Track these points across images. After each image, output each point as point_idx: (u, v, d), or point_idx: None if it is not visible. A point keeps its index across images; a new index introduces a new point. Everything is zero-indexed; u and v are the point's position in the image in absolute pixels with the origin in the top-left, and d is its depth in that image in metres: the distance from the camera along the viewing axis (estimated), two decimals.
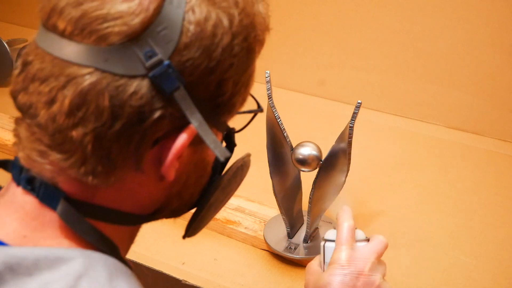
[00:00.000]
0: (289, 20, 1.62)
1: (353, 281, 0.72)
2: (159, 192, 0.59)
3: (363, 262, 0.74)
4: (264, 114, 1.00)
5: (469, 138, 1.41)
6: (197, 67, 0.52)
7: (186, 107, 0.52)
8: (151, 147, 0.53)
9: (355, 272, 0.73)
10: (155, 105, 0.51)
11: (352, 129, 0.94)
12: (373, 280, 0.73)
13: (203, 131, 0.53)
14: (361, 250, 0.75)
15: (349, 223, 0.77)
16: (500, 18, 1.35)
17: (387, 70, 1.51)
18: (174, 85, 0.51)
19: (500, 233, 1.11)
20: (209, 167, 0.63)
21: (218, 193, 0.64)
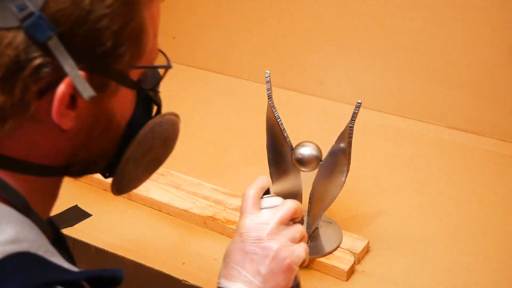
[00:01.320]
0: (289, 20, 1.62)
1: (251, 247, 0.73)
2: (63, 143, 0.62)
3: (261, 228, 0.73)
4: (264, 114, 1.01)
5: (469, 138, 1.41)
6: (68, 17, 0.56)
7: (60, 55, 0.56)
8: (40, 97, 0.57)
9: (253, 238, 0.73)
10: (31, 54, 0.55)
11: (352, 129, 0.94)
12: (271, 245, 0.72)
13: (74, 75, 0.57)
14: (262, 216, 0.75)
15: (252, 191, 0.77)
16: (500, 18, 1.35)
17: (387, 70, 1.51)
18: (47, 34, 0.55)
19: (500, 233, 1.11)
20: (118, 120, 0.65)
21: (134, 147, 0.67)
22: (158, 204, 1.16)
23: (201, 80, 1.72)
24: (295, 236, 0.74)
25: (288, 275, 0.73)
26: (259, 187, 0.77)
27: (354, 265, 1.01)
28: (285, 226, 0.75)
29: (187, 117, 1.52)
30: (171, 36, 1.83)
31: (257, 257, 0.72)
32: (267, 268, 0.72)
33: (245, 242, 0.73)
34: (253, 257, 0.72)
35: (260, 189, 0.77)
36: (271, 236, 0.73)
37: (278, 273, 0.72)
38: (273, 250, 0.72)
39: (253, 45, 1.69)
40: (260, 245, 0.72)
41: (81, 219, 1.13)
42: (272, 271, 0.72)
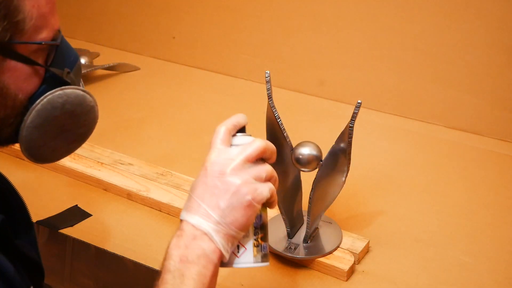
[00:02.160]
0: (289, 20, 1.62)
1: (213, 181, 0.72)
2: None
3: (225, 162, 0.73)
4: (264, 114, 1.01)
5: (469, 138, 1.41)
6: None
7: None
8: None
9: (216, 172, 0.72)
10: None
11: (352, 129, 0.94)
12: (233, 180, 0.72)
13: None
14: (228, 151, 0.74)
15: (223, 127, 0.76)
16: (500, 18, 1.35)
17: (387, 70, 1.51)
18: None
19: (500, 233, 1.11)
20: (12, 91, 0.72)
21: (32, 115, 0.74)
22: (158, 204, 1.16)
23: (201, 80, 1.72)
24: (261, 174, 0.73)
25: (247, 211, 0.72)
26: (232, 124, 0.76)
27: (354, 265, 1.01)
28: (253, 164, 0.73)
29: (187, 117, 1.53)
30: (171, 36, 1.83)
31: (218, 191, 0.72)
32: (227, 202, 0.71)
33: (208, 176, 0.73)
34: (214, 191, 0.72)
35: (233, 126, 0.76)
36: (234, 171, 0.72)
37: (237, 209, 0.71)
38: (234, 185, 0.71)
39: (253, 45, 1.69)
40: (222, 179, 0.72)
41: (81, 219, 1.13)
42: (232, 206, 0.71)
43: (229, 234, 0.72)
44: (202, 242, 0.71)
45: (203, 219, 0.71)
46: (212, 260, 0.71)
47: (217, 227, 0.71)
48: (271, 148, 0.75)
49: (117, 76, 1.75)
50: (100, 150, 1.31)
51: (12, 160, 1.27)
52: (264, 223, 0.77)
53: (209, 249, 0.71)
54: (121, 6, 1.90)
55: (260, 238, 0.76)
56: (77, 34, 1.93)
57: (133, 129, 1.46)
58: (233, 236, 0.72)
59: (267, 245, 0.77)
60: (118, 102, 1.60)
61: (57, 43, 0.75)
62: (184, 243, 0.71)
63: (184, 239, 0.71)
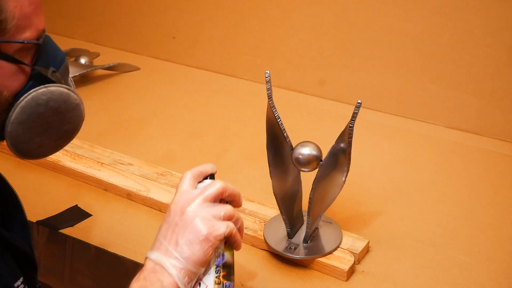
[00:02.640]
0: (289, 20, 1.62)
1: (174, 220, 0.78)
2: None
3: (186, 202, 0.79)
4: (264, 114, 1.01)
5: (469, 138, 1.41)
6: None
7: None
8: None
9: (177, 211, 0.78)
10: None
11: (352, 129, 0.94)
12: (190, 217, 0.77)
13: None
14: (190, 193, 0.80)
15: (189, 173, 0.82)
16: (500, 18, 1.35)
17: (387, 70, 1.51)
18: None
19: (500, 233, 1.11)
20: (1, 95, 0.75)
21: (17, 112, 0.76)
22: (158, 204, 1.16)
23: (201, 80, 1.72)
24: (219, 213, 0.79)
25: (203, 246, 0.77)
26: (198, 171, 0.83)
27: (354, 265, 1.01)
28: (212, 204, 0.79)
29: (188, 117, 1.53)
30: (171, 36, 1.83)
31: (177, 229, 0.77)
32: (184, 238, 0.77)
33: (170, 216, 0.79)
34: (175, 228, 0.78)
35: (199, 172, 0.83)
36: (193, 209, 0.78)
37: (194, 243, 0.76)
38: (191, 221, 0.77)
39: (253, 45, 1.69)
40: (182, 217, 0.78)
41: (81, 219, 1.13)
42: (188, 241, 0.76)
43: (187, 269, 0.76)
44: (161, 276, 0.76)
45: (163, 254, 0.77)
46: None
47: (175, 262, 0.76)
48: (230, 189, 0.81)
49: (117, 76, 1.75)
50: (100, 150, 1.31)
51: (12, 160, 1.27)
52: (227, 262, 0.81)
53: (167, 283, 0.76)
54: (121, 6, 1.90)
55: (222, 276, 0.80)
56: (77, 34, 1.93)
57: (133, 129, 1.46)
58: (192, 271, 0.77)
59: (230, 284, 0.81)
60: (118, 102, 1.60)
61: (39, 42, 0.76)
62: (144, 275, 0.77)
63: (144, 273, 0.77)
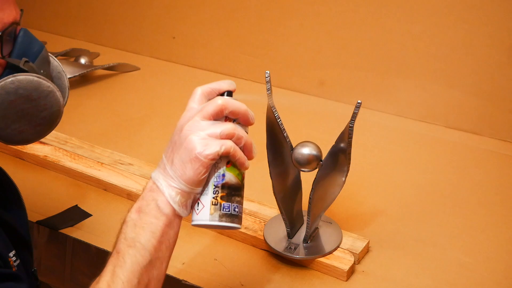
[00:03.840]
0: (289, 20, 1.62)
1: (174, 137, 0.76)
2: None
3: (186, 120, 0.76)
4: (264, 114, 1.01)
5: (469, 138, 1.41)
6: None
7: None
8: None
9: (178, 129, 0.76)
10: None
11: (352, 129, 0.94)
12: (185, 135, 0.74)
13: None
14: (192, 110, 0.77)
15: (199, 88, 0.80)
16: (500, 18, 1.35)
17: (387, 70, 1.51)
18: None
19: (500, 233, 1.11)
20: None
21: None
22: None
23: (201, 80, 1.72)
24: (215, 131, 0.74)
25: (194, 165, 0.73)
26: (210, 87, 0.80)
27: (354, 265, 1.01)
28: (211, 122, 0.75)
29: None
30: (171, 36, 1.83)
31: (175, 147, 0.75)
32: (178, 156, 0.74)
33: (174, 134, 0.77)
34: (173, 147, 0.75)
35: (210, 89, 0.79)
36: (189, 127, 0.75)
37: (186, 162, 0.73)
38: (186, 139, 0.74)
39: (253, 45, 1.69)
40: (179, 134, 0.75)
41: (81, 219, 1.13)
42: (181, 160, 0.74)
43: (180, 188, 0.74)
44: (156, 194, 0.74)
45: (161, 173, 0.75)
46: (164, 212, 0.74)
47: (170, 180, 0.74)
48: (232, 106, 0.76)
49: (117, 76, 1.75)
50: (100, 150, 1.31)
51: (12, 160, 1.27)
52: (229, 183, 0.76)
53: (162, 201, 0.74)
54: (121, 6, 1.91)
55: (220, 197, 0.76)
56: (77, 34, 1.93)
57: (133, 129, 1.46)
58: (185, 191, 0.74)
59: (231, 205, 0.76)
60: (118, 102, 1.60)
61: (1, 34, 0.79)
62: (142, 195, 0.76)
63: (143, 192, 0.76)
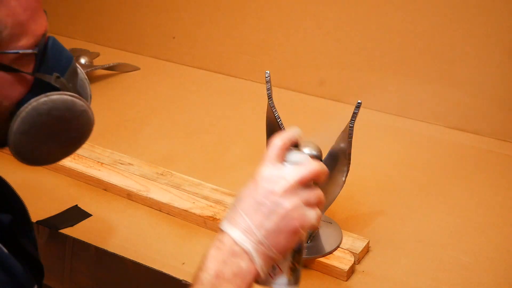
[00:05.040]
0: (289, 20, 1.62)
1: (262, 199, 0.69)
2: None
3: (278, 181, 0.70)
4: (264, 114, 1.01)
5: (469, 138, 1.41)
6: None
7: None
8: None
9: (267, 190, 0.69)
10: None
11: (352, 129, 0.94)
12: (283, 203, 0.69)
13: None
14: (282, 169, 0.71)
15: (280, 141, 0.73)
16: (500, 18, 1.35)
17: (387, 70, 1.51)
18: None
19: (500, 233, 1.11)
20: None
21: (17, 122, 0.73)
22: (158, 204, 1.16)
23: (201, 80, 1.72)
24: (310, 199, 0.70)
25: (292, 237, 0.70)
26: (288, 139, 0.73)
27: (354, 265, 1.01)
28: (304, 187, 0.70)
29: (188, 117, 1.53)
30: (171, 36, 1.83)
31: (265, 210, 0.69)
32: (273, 224, 0.69)
33: (258, 192, 0.70)
34: (262, 208, 0.69)
35: (289, 141, 0.73)
36: (286, 193, 0.69)
37: (283, 233, 0.69)
38: (284, 208, 0.69)
39: (253, 45, 1.69)
40: (272, 198, 0.69)
41: (81, 219, 1.13)
42: (278, 229, 0.69)
43: (268, 255, 0.69)
44: (241, 261, 0.69)
45: (246, 236, 0.69)
46: (247, 280, 0.69)
47: (258, 247, 0.69)
48: (325, 172, 0.73)
49: (117, 76, 1.75)
50: (100, 150, 1.30)
51: (12, 160, 1.27)
52: (302, 247, 0.75)
53: (247, 269, 0.69)
54: (121, 6, 1.90)
55: (296, 262, 0.74)
56: (77, 34, 1.93)
57: (133, 129, 1.46)
58: (272, 257, 0.70)
59: (301, 268, 0.75)
60: (118, 102, 1.60)
61: (34, 51, 0.72)
62: (223, 257, 0.69)
63: (223, 253, 0.70)
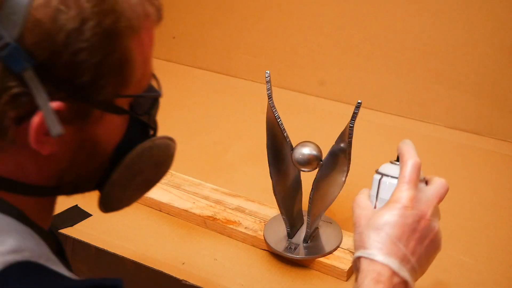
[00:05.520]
0: (289, 20, 1.62)
1: (414, 224, 0.68)
2: (48, 167, 0.62)
3: (426, 205, 0.69)
4: (264, 114, 1.01)
5: (469, 138, 1.41)
6: (43, 50, 0.55)
7: (34, 87, 0.55)
8: (19, 123, 0.57)
9: (417, 215, 0.68)
10: (8, 83, 0.55)
11: (352, 129, 0.94)
12: (434, 226, 0.69)
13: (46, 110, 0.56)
14: (425, 192, 0.70)
15: (415, 160, 0.72)
16: (500, 18, 1.35)
17: (387, 70, 1.51)
18: (22, 66, 0.55)
19: (500, 233, 1.11)
20: (104, 146, 0.64)
21: (120, 171, 0.66)
22: (158, 204, 1.16)
23: (201, 80, 1.72)
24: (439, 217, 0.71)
25: (434, 257, 0.70)
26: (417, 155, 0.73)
27: None
28: None
29: (188, 117, 1.53)
30: (171, 36, 1.83)
31: (419, 236, 0.68)
32: (424, 249, 0.68)
33: (409, 217, 0.68)
34: (416, 235, 0.68)
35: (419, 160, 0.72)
36: (434, 215, 0.69)
37: (431, 255, 0.69)
38: (434, 231, 0.69)
39: (253, 45, 1.69)
40: (424, 223, 0.68)
41: (81, 219, 1.13)
42: (427, 253, 0.69)
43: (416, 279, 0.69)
44: None
45: (403, 265, 0.67)
46: None
47: (412, 273, 0.68)
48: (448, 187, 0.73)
49: None
50: None
51: None
52: None
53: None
54: None
55: None
56: None
57: None
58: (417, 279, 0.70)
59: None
60: None
61: (159, 94, 0.69)
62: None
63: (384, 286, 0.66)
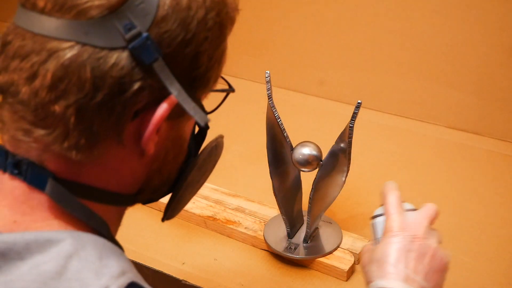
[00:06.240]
0: (289, 20, 1.62)
1: (408, 246, 0.70)
2: (140, 169, 0.61)
3: (415, 226, 0.72)
4: (264, 114, 1.01)
5: (469, 138, 1.41)
6: (174, 39, 0.54)
7: (165, 78, 0.54)
8: (131, 119, 0.55)
9: (409, 236, 0.71)
10: (135, 76, 0.53)
11: (352, 129, 0.94)
12: (429, 244, 0.71)
13: (183, 99, 0.55)
14: (412, 216, 0.73)
15: (395, 193, 0.76)
16: (500, 18, 1.35)
17: (387, 70, 1.51)
18: (153, 56, 0.53)
19: (500, 233, 1.11)
20: (186, 144, 0.64)
21: (194, 172, 0.66)
22: (158, 204, 1.15)
23: None
24: (439, 237, 0.73)
25: (444, 274, 0.72)
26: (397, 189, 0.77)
27: (354, 265, 1.01)
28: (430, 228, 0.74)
29: None
30: None
31: (416, 255, 0.70)
32: (427, 266, 0.70)
33: (401, 241, 0.70)
34: (412, 255, 0.70)
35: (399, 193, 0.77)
36: (426, 235, 0.71)
37: (438, 272, 0.71)
38: (431, 248, 0.71)
39: (253, 45, 1.69)
40: (418, 243, 0.70)
41: None
42: (433, 269, 0.70)
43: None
44: None
45: (409, 284, 0.69)
46: None
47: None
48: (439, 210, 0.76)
49: None
50: None
51: None
52: None
53: None
54: None
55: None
56: None
57: None
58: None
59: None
60: None
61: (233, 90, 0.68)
62: None
63: None
